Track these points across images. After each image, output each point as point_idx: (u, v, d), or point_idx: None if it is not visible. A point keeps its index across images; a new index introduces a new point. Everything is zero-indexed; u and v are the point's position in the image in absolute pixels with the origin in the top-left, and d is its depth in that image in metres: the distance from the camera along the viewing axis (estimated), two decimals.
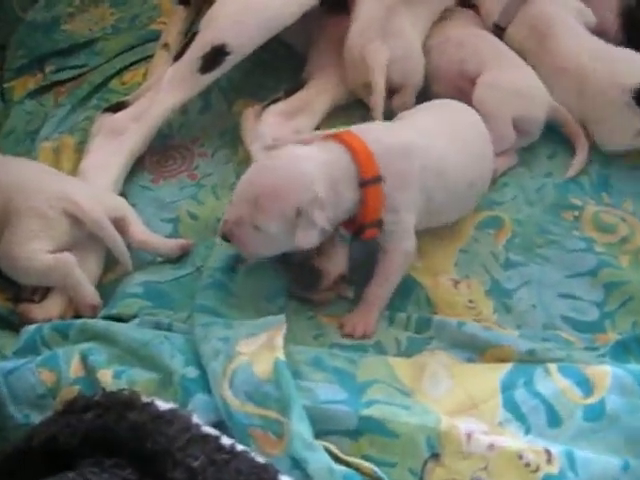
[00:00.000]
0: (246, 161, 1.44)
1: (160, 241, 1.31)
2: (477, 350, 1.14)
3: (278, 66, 1.69)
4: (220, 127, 1.57)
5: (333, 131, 1.26)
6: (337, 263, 1.21)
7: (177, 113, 1.58)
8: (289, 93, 1.56)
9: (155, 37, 1.77)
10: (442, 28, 1.57)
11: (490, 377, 1.06)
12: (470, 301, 1.25)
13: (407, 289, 1.25)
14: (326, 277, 1.20)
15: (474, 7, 1.64)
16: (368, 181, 1.16)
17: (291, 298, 1.23)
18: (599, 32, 1.58)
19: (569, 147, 1.48)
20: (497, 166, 1.41)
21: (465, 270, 1.29)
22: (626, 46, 1.58)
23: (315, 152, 1.17)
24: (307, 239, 1.12)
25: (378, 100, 1.42)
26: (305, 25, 1.63)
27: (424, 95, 1.51)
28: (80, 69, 1.72)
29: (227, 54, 1.46)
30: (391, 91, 1.48)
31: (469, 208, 1.33)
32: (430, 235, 1.31)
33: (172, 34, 1.74)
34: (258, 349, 1.05)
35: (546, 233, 1.35)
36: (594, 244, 1.33)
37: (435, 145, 1.25)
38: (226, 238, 1.18)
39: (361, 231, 1.19)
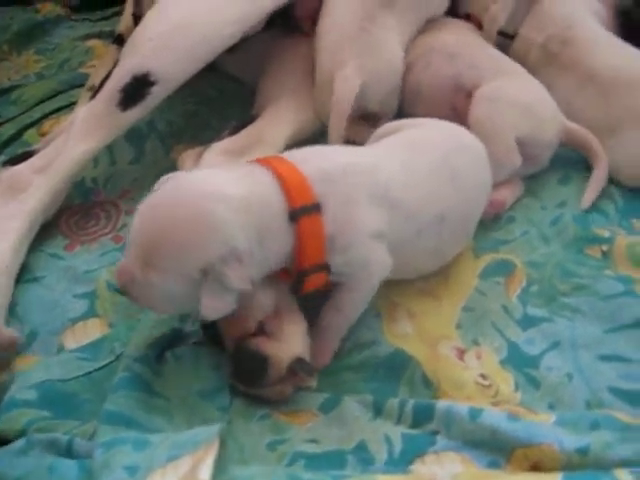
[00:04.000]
0: None
1: None
2: (502, 451, 0.74)
3: (225, 104, 1.32)
4: (154, 177, 1.15)
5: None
6: (290, 343, 0.82)
7: (105, 163, 1.22)
8: (236, 130, 1.19)
9: (83, 81, 1.41)
10: (425, 38, 1.19)
11: None
12: (482, 376, 0.86)
13: (397, 365, 0.86)
14: (275, 366, 0.80)
15: (466, 17, 1.28)
16: (300, 211, 0.79)
17: (237, 393, 0.83)
18: None
19: (582, 167, 1.10)
20: (502, 198, 1.04)
21: (472, 334, 0.90)
22: None
23: (232, 182, 0.79)
24: (217, 307, 0.76)
25: (334, 137, 1.06)
26: (253, 53, 1.27)
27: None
28: None
29: (152, 84, 1.09)
30: (368, 118, 1.11)
31: (449, 251, 0.95)
32: (422, 293, 0.94)
33: (101, 75, 1.36)
34: None
35: (571, 276, 0.96)
36: (634, 284, 0.95)
37: (386, 168, 0.87)
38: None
39: (301, 280, 0.82)
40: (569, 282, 0.95)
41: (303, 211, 0.79)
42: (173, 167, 1.17)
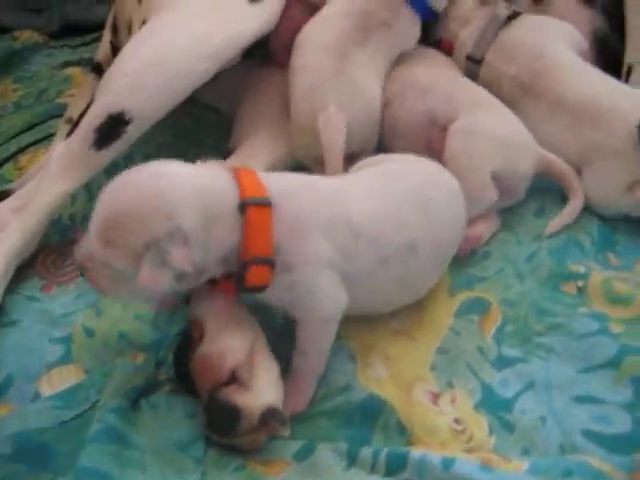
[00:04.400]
0: None
1: None
2: None
3: (203, 135, 1.32)
4: None
5: None
6: (262, 392, 0.81)
7: (82, 200, 1.21)
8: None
9: (61, 111, 1.40)
10: (402, 73, 1.18)
11: None
12: (456, 421, 0.86)
13: (371, 411, 0.86)
14: (246, 417, 0.80)
15: (441, 43, 1.28)
16: (249, 200, 0.81)
17: (211, 443, 0.83)
18: None
19: (559, 198, 1.10)
20: (478, 234, 1.04)
21: (446, 376, 0.90)
22: None
23: (191, 171, 0.84)
24: (153, 280, 0.78)
25: None
26: (229, 82, 1.27)
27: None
28: None
29: (127, 123, 1.08)
30: (349, 157, 1.11)
31: (418, 284, 0.94)
32: (397, 333, 0.94)
33: (79, 107, 1.36)
34: None
35: (546, 314, 0.96)
36: (609, 322, 0.95)
37: (352, 194, 0.88)
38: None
39: (244, 270, 0.82)
40: (544, 321, 0.95)
41: (252, 201, 0.81)
42: None
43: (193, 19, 1.14)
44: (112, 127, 1.08)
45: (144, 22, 1.22)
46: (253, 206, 0.81)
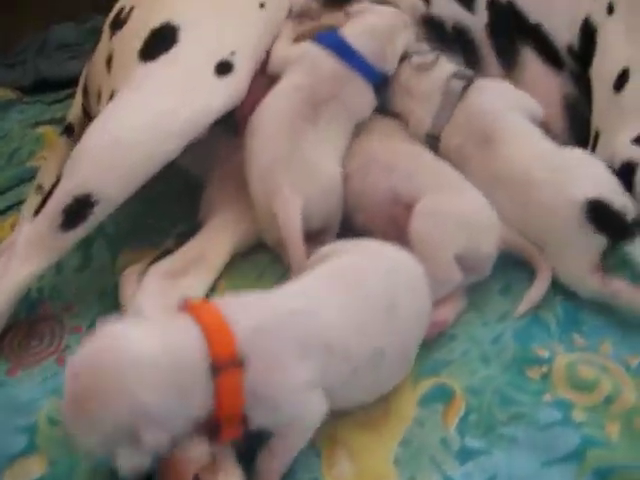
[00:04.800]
0: None
1: None
2: None
3: (175, 202, 1.32)
4: (100, 288, 1.19)
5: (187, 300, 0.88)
6: None
7: (50, 273, 1.21)
8: (181, 241, 1.18)
9: (33, 175, 1.40)
10: (363, 145, 1.19)
11: None
12: None
13: None
14: None
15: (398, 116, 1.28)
16: (221, 365, 0.80)
17: None
18: (541, 127, 1.22)
19: (525, 275, 1.10)
20: (444, 318, 1.04)
21: (409, 471, 0.90)
22: (571, 141, 1.27)
23: (153, 338, 0.80)
24: (133, 467, 0.78)
25: (295, 264, 1.05)
26: (201, 147, 1.26)
27: (349, 228, 1.15)
28: None
29: (93, 205, 1.08)
30: (311, 235, 1.11)
31: (388, 383, 0.95)
32: (363, 427, 0.94)
33: (49, 173, 1.36)
34: None
35: (509, 403, 0.96)
36: (572, 410, 0.95)
37: (321, 312, 0.88)
38: None
39: (217, 431, 0.82)
40: (507, 410, 0.95)
41: (225, 366, 0.79)
42: (118, 276, 1.17)
43: (160, 95, 1.14)
44: (78, 209, 1.08)
45: (113, 93, 1.22)
46: (225, 371, 0.79)
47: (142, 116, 1.12)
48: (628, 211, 1.04)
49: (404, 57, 1.24)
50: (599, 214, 1.03)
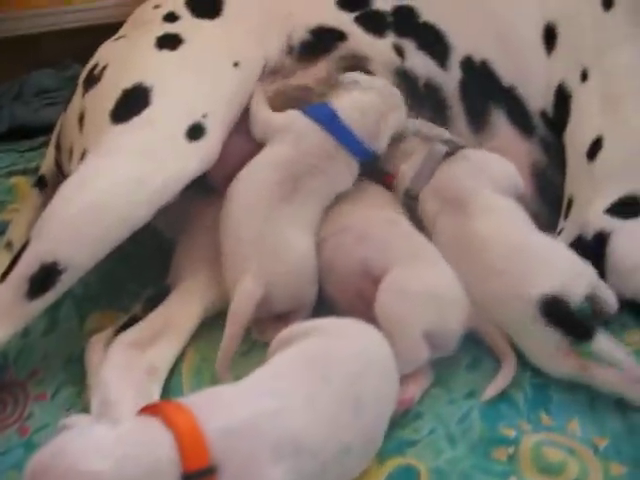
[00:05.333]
0: None
1: None
2: None
3: (144, 262, 1.31)
4: (66, 354, 1.17)
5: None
6: None
7: (17, 336, 1.18)
8: (149, 306, 1.17)
9: (4, 229, 1.38)
10: (338, 211, 1.18)
11: None
12: None
13: None
14: None
15: (384, 177, 1.27)
16: (193, 475, 0.77)
17: None
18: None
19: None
20: (411, 396, 1.03)
21: None
22: (539, 208, 1.28)
23: (116, 448, 0.77)
24: None
25: (225, 349, 1.04)
26: (174, 207, 1.25)
27: (320, 299, 1.14)
28: None
29: (60, 273, 1.06)
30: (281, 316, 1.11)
31: (356, 471, 0.93)
32: None
33: (20, 228, 1.35)
34: None
35: None
36: None
37: (291, 411, 0.86)
38: None
39: None
40: None
41: (197, 475, 0.77)
42: (86, 341, 1.16)
43: (130, 161, 1.13)
44: (45, 277, 1.07)
45: (84, 153, 1.21)
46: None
47: (112, 182, 1.11)
48: (586, 309, 1.04)
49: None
50: (554, 312, 1.01)
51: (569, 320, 1.01)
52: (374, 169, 1.27)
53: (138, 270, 1.29)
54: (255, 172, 1.15)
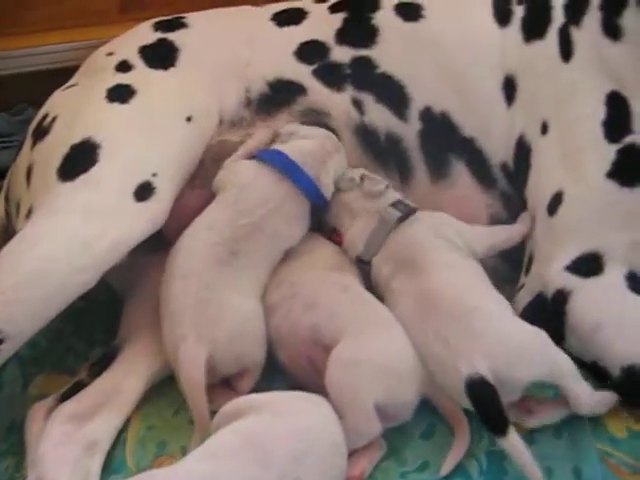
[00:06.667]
0: None
1: None
2: None
3: (93, 319, 1.27)
4: (7, 421, 1.13)
5: None
6: None
7: None
8: (95, 370, 1.13)
9: None
10: (288, 272, 1.15)
11: None
12: None
13: None
14: None
15: (334, 233, 1.24)
16: None
17: None
18: None
19: None
20: (360, 471, 0.98)
21: None
22: (501, 264, 1.24)
23: None
24: None
25: (197, 421, 1.00)
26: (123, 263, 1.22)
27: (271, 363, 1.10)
28: None
29: (2, 342, 1.01)
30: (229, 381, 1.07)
31: None
32: None
33: None
34: None
35: None
36: None
37: None
38: None
39: None
40: None
41: None
42: (29, 407, 1.11)
43: (75, 222, 1.10)
44: None
45: (30, 210, 1.17)
46: None
47: (55, 247, 1.07)
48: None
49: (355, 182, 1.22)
50: (477, 395, 0.97)
51: (488, 408, 0.96)
52: (320, 222, 1.24)
53: (87, 327, 1.26)
54: (193, 235, 1.12)
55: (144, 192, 1.13)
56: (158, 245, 1.20)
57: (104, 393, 1.08)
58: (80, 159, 1.16)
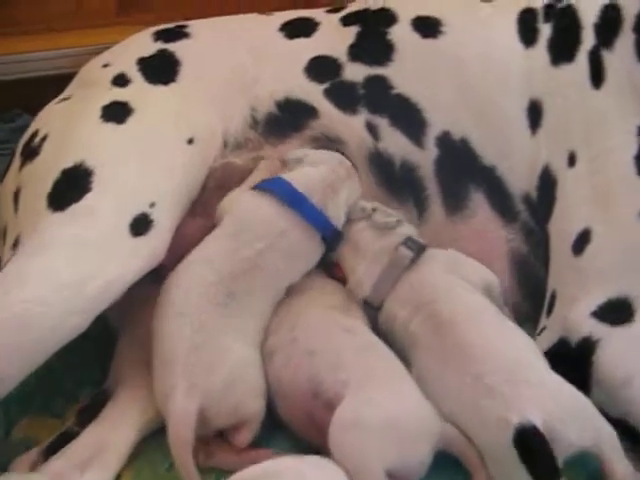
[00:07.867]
0: None
1: None
2: None
3: (83, 357, 1.17)
4: None
5: None
6: None
7: None
8: (83, 418, 1.05)
9: None
10: (290, 314, 1.06)
11: None
12: None
13: None
14: None
15: (334, 268, 1.16)
16: None
17: None
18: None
19: (462, 476, 0.97)
20: None
21: None
22: (519, 299, 1.18)
23: None
24: None
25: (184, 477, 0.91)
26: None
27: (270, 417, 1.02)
28: None
29: None
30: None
31: None
32: None
33: None
34: None
35: None
36: None
37: None
38: None
39: None
40: None
41: None
42: (13, 454, 1.03)
43: (65, 261, 1.01)
44: None
45: (17, 238, 1.08)
46: None
47: (45, 288, 0.98)
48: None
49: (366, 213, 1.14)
50: (527, 445, 0.88)
51: (539, 460, 0.88)
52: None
53: (76, 369, 1.17)
54: (188, 272, 1.04)
55: (141, 225, 1.05)
56: (157, 277, 1.12)
57: (93, 447, 1.00)
58: (71, 186, 1.07)
